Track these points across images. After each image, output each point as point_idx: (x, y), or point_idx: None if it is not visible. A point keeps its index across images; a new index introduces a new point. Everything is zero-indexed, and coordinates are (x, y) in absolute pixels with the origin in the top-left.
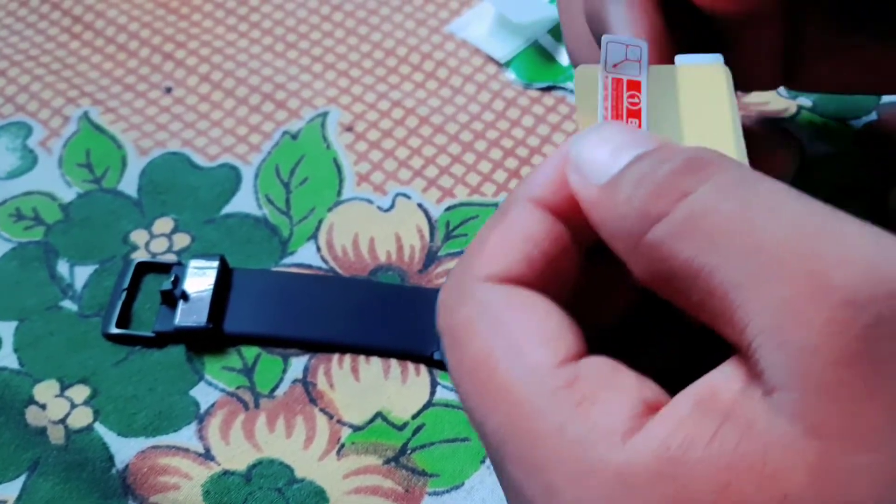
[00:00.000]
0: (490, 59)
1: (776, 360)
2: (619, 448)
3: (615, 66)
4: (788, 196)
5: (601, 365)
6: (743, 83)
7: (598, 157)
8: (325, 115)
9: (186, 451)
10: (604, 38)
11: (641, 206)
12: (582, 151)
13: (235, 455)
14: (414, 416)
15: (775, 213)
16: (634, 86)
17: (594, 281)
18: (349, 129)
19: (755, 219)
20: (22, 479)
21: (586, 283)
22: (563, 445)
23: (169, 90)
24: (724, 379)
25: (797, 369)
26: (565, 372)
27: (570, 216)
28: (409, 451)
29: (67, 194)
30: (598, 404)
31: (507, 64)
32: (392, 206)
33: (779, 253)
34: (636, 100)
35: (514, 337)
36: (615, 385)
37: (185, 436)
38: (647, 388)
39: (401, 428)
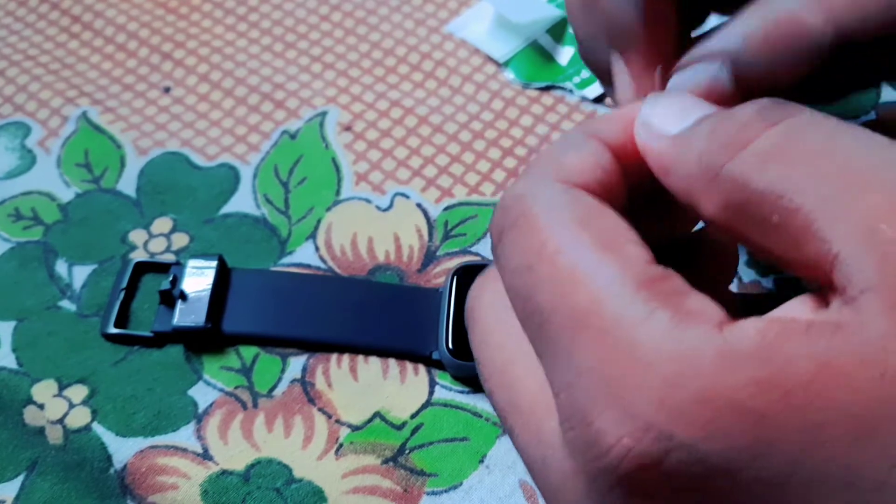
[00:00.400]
0: (489, 58)
1: (863, 264)
2: (717, 334)
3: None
4: (868, 131)
5: (678, 275)
6: None
7: (668, 114)
8: (323, 114)
9: (185, 450)
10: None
11: (723, 142)
12: (652, 110)
13: (234, 455)
14: (412, 416)
15: (860, 141)
16: None
17: None
18: (348, 128)
19: (841, 145)
20: (20, 478)
21: None
22: (658, 327)
23: (168, 90)
24: (792, 308)
25: (889, 267)
26: (655, 269)
27: (626, 165)
28: (407, 451)
29: (66, 194)
30: (690, 299)
31: (506, 63)
32: (391, 206)
33: (866, 172)
34: None
35: (607, 233)
36: (696, 292)
37: (184, 435)
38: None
39: (399, 427)
